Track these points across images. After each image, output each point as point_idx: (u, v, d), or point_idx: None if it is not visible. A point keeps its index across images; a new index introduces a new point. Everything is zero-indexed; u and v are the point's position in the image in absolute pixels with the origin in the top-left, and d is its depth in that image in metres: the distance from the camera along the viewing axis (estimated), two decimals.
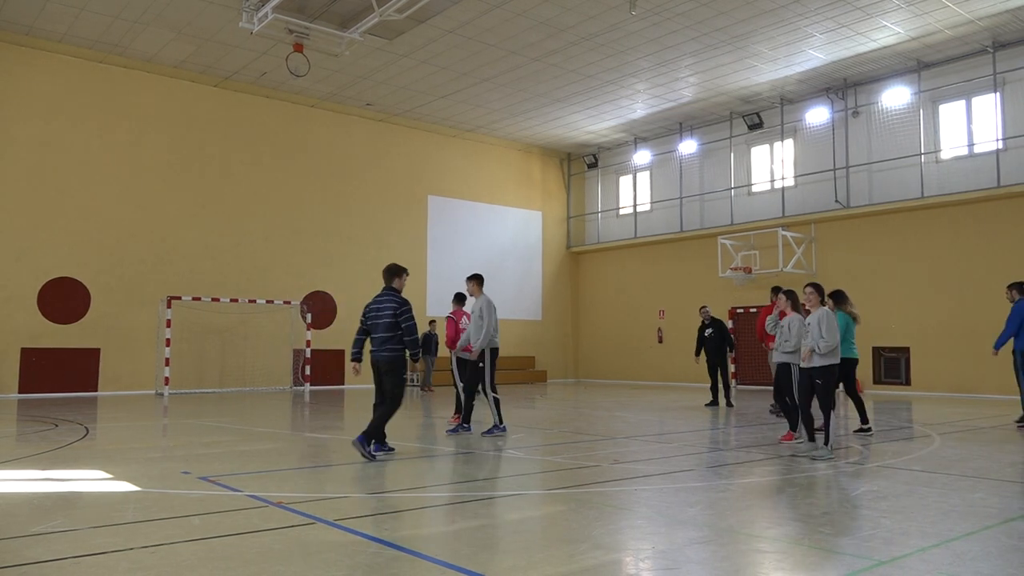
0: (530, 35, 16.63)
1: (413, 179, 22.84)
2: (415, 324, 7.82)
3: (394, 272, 7.97)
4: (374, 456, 7.45)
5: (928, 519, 5.28)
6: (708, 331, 14.37)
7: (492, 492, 5.96)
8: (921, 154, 18.17)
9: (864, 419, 9.81)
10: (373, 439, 7.53)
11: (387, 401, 7.70)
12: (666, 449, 8.66)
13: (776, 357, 9.03)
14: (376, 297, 7.94)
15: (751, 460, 7.72)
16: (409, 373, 13.70)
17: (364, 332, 7.97)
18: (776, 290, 13.31)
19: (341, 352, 20.92)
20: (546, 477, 6.88)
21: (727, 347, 14.23)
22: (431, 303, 22.87)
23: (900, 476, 7.04)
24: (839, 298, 9.76)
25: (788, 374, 8.89)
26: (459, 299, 11.22)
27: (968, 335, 16.61)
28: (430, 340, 19.07)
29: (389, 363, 7.69)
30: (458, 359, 10.45)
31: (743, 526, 5.06)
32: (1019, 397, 10.95)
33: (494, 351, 9.62)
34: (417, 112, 21.86)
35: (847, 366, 9.41)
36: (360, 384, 21.16)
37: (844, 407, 12.77)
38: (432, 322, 19.55)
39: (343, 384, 20.92)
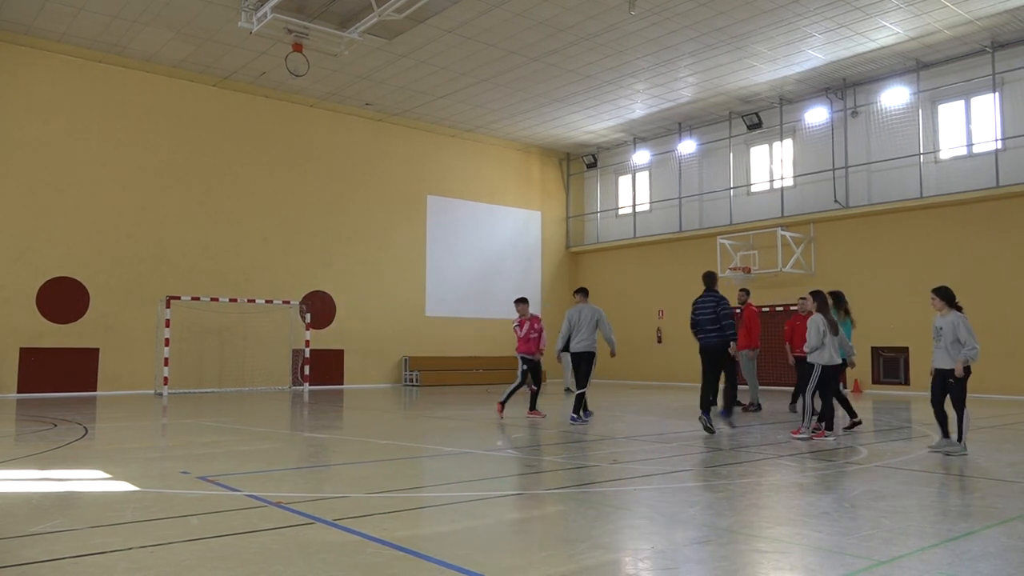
0: (529, 35, 16.63)
1: (412, 179, 22.83)
2: (733, 318, 9.61)
3: (714, 278, 10.04)
4: (734, 425, 9.73)
5: (927, 519, 5.28)
6: None
7: (491, 492, 5.96)
8: (920, 154, 18.18)
9: (852, 413, 10.17)
10: (707, 410, 9.49)
11: (726, 378, 9.91)
12: (665, 449, 8.66)
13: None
14: (700, 297, 9.95)
15: (750, 460, 7.72)
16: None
17: (695, 323, 9.98)
18: (745, 292, 13.74)
19: (340, 352, 20.92)
20: (545, 477, 6.88)
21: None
22: (430, 302, 22.86)
23: (899, 476, 7.04)
24: (843, 301, 10.21)
25: (808, 373, 9.12)
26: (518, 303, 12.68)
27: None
28: None
29: (716, 347, 9.64)
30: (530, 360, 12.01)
31: (742, 526, 5.06)
32: None
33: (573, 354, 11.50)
34: (416, 112, 21.85)
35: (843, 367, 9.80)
36: (357, 384, 21.14)
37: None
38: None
39: (342, 384, 20.91)
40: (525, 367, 11.99)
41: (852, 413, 10.23)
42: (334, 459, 8.21)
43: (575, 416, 11.11)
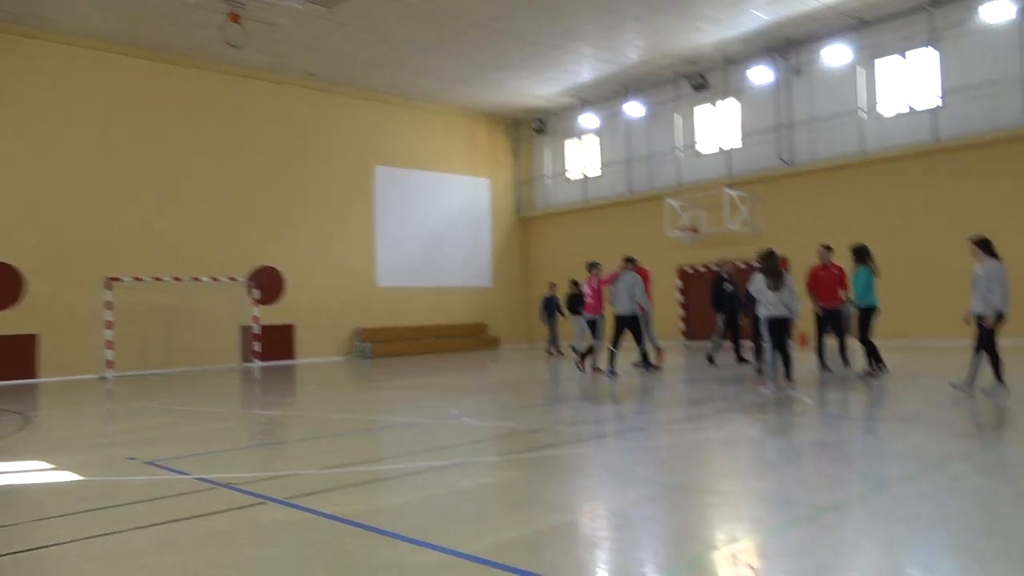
0: (471, 1, 16.33)
1: (359, 149, 22.42)
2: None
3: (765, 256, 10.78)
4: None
5: (869, 464, 5.46)
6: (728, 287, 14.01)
7: (446, 461, 5.96)
8: (860, 111, 18.49)
9: (877, 361, 10.54)
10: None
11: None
12: (618, 409, 8.77)
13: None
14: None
15: (702, 416, 7.86)
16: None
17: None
18: (629, 260, 13.66)
19: (290, 327, 20.62)
20: (500, 443, 6.91)
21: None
22: (381, 273, 22.62)
23: (842, 424, 7.26)
24: (863, 254, 10.65)
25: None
26: (592, 267, 13.42)
27: (907, 285, 17.07)
28: (552, 304, 19.07)
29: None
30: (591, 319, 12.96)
31: (692, 480, 5.16)
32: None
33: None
34: (361, 81, 21.39)
35: (867, 313, 10.47)
36: (310, 358, 20.91)
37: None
38: (575, 283, 18.35)
39: (295, 359, 20.64)
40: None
41: (845, 362, 11.38)
42: (286, 436, 8.12)
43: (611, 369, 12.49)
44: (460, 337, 23.73)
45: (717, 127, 21.64)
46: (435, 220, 23.98)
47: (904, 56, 17.99)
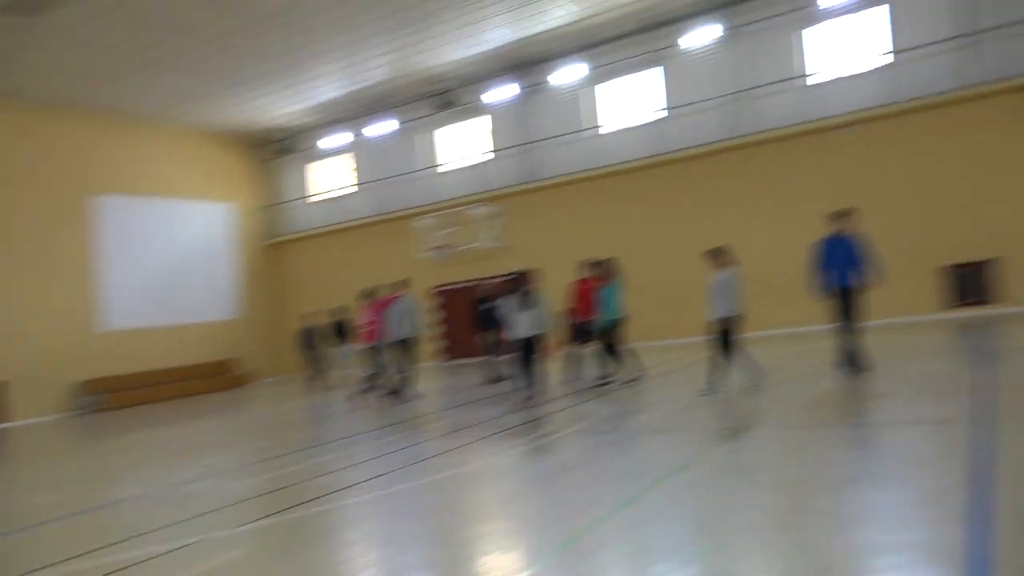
0: (201, 13, 15.15)
1: (77, 177, 19.83)
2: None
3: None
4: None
5: (610, 483, 5.65)
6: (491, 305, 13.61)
7: (174, 543, 5.22)
8: (594, 126, 19.85)
9: (633, 366, 11.14)
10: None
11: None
12: (375, 447, 8.45)
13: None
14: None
15: (459, 446, 7.78)
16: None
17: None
18: (367, 293, 13.38)
19: (2, 384, 17.75)
20: (239, 509, 6.26)
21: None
22: (110, 315, 20.11)
23: (586, 442, 7.53)
24: (611, 268, 11.13)
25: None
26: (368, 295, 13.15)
27: (641, 290, 18.42)
28: (310, 334, 16.65)
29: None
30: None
31: (445, 528, 5.01)
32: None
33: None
34: (75, 100, 18.97)
35: (616, 324, 10.92)
36: (28, 419, 18.14)
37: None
38: (338, 311, 16.68)
39: (8, 422, 17.74)
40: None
41: (610, 373, 11.07)
42: None
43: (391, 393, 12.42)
44: (206, 377, 21.76)
45: (466, 144, 22.14)
46: (172, 252, 21.91)
47: (632, 74, 19.53)
